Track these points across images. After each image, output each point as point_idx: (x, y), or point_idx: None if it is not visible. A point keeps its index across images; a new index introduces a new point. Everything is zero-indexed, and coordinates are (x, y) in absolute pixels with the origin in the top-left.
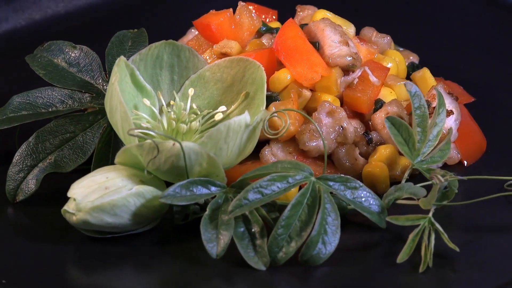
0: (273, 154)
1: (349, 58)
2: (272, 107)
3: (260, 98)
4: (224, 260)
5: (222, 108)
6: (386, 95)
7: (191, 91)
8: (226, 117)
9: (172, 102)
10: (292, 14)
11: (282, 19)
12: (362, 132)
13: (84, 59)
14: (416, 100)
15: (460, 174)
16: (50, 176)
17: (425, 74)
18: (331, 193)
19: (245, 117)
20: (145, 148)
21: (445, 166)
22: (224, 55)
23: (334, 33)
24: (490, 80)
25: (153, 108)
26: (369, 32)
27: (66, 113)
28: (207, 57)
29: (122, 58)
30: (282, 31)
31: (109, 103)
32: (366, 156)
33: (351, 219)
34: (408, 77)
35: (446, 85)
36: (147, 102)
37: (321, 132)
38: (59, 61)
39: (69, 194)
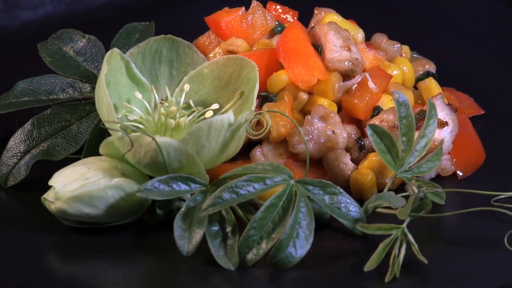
0: (263, 154)
1: (347, 63)
2: (265, 108)
3: (252, 98)
4: (198, 257)
5: (215, 105)
6: (386, 102)
7: (186, 87)
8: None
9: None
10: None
11: (303, 20)
12: (356, 138)
13: (91, 49)
14: (402, 109)
15: (454, 186)
16: (42, 163)
17: (430, 83)
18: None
19: (229, 116)
20: (125, 141)
21: (439, 177)
22: (231, 52)
23: (337, 38)
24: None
25: (144, 102)
26: (380, 38)
27: (64, 101)
28: (217, 54)
29: (116, 50)
30: (285, 33)
31: (97, 94)
32: (358, 162)
33: (333, 226)
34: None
35: (455, 96)
36: (139, 95)
37: (303, 135)
38: (68, 49)
39: (50, 182)
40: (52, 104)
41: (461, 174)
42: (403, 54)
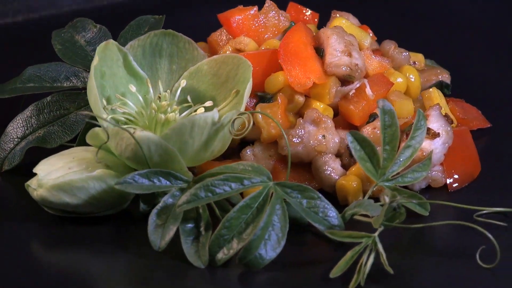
0: (254, 154)
1: (345, 68)
2: (258, 108)
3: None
4: (172, 253)
5: (209, 103)
6: None
7: (182, 83)
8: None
9: (168, 91)
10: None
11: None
12: (347, 144)
13: (100, 39)
14: (387, 118)
15: (444, 197)
16: (38, 150)
17: (431, 93)
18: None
19: (213, 114)
20: (108, 133)
21: (430, 188)
22: (238, 51)
23: (339, 42)
24: None
25: (138, 95)
26: (388, 45)
27: (66, 90)
28: (227, 52)
29: (111, 41)
30: (287, 34)
31: (88, 84)
32: (348, 168)
33: (314, 230)
34: None
35: (461, 107)
36: (133, 88)
37: (286, 138)
38: (79, 38)
39: (35, 169)
40: (54, 92)
41: (452, 186)
42: (416, 62)
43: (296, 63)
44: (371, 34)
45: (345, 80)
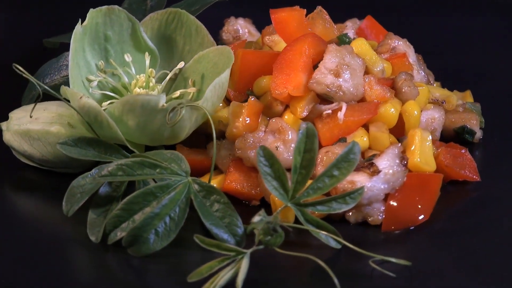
0: (218, 149)
1: (323, 87)
2: (232, 105)
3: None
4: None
5: (192, 89)
6: (356, 136)
7: (180, 64)
8: (196, 98)
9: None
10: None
11: None
12: None
13: (158, 7)
14: (308, 142)
15: (380, 236)
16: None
17: (414, 133)
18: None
19: (157, 98)
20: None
21: (365, 224)
22: (269, 47)
23: (332, 61)
24: None
25: (132, 66)
26: (400, 77)
27: None
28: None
29: (118, 8)
30: (293, 42)
31: None
32: None
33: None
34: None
35: (452, 155)
36: (129, 58)
37: (215, 140)
38: (148, 2)
39: (11, 113)
40: None
41: (386, 226)
42: (444, 101)
43: (284, 71)
44: (420, 63)
45: (326, 99)
